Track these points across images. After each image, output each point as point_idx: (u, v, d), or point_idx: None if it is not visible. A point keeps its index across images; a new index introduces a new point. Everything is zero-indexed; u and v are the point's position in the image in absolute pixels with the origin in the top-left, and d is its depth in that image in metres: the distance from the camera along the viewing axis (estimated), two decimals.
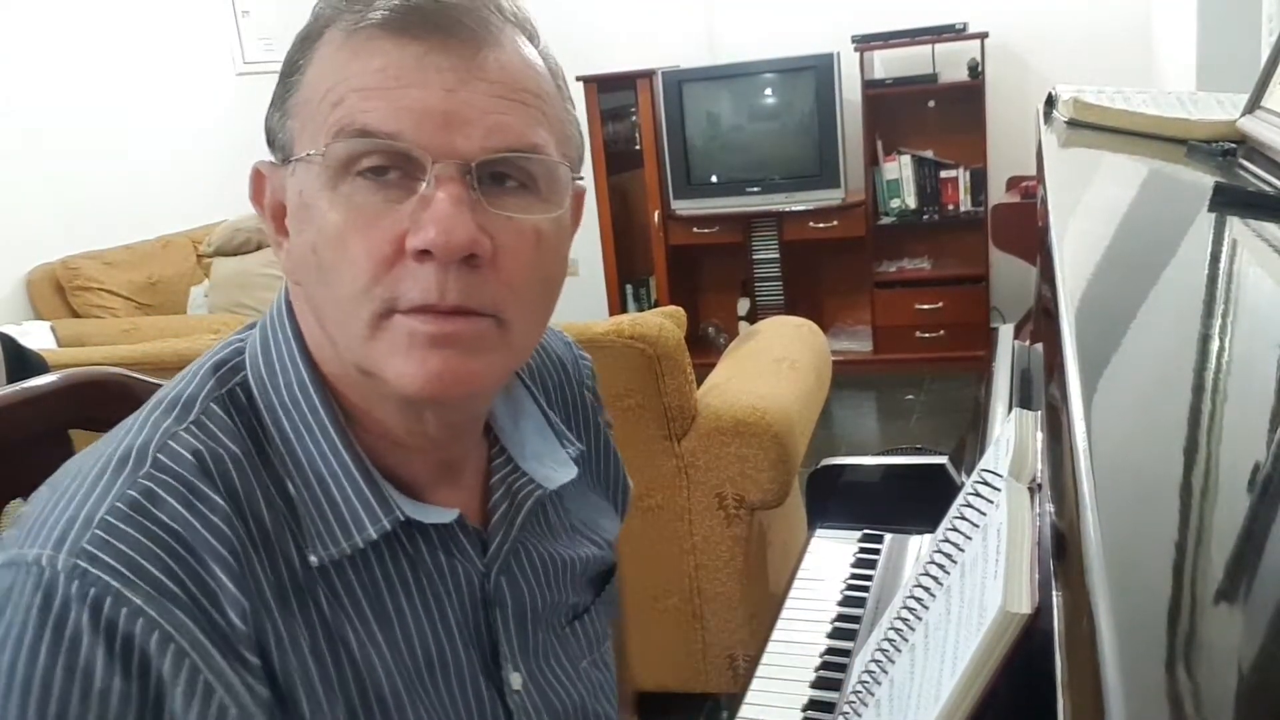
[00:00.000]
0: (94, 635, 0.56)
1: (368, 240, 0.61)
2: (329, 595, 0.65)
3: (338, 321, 0.64)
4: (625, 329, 1.81)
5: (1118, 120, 1.21)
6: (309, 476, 0.65)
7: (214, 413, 0.65)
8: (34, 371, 1.64)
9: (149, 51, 4.25)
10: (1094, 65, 4.01)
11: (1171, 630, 0.37)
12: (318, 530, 0.64)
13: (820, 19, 4.39)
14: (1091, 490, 0.45)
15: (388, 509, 0.66)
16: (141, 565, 0.58)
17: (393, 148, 0.61)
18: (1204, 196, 0.83)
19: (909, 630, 0.75)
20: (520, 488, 0.74)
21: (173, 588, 0.58)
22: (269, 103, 0.68)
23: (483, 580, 0.72)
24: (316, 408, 0.66)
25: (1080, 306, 0.69)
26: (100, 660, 0.56)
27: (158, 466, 0.62)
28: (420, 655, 0.68)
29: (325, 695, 0.64)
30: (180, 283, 4.09)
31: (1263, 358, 0.58)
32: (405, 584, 0.68)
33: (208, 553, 0.60)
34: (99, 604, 0.57)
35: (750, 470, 1.88)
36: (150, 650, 0.57)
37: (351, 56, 0.62)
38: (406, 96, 0.60)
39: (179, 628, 0.58)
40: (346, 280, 0.62)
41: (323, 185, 0.62)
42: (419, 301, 0.61)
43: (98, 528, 0.58)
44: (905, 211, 4.37)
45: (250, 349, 0.69)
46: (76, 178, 3.93)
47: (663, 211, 4.53)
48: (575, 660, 0.80)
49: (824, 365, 2.32)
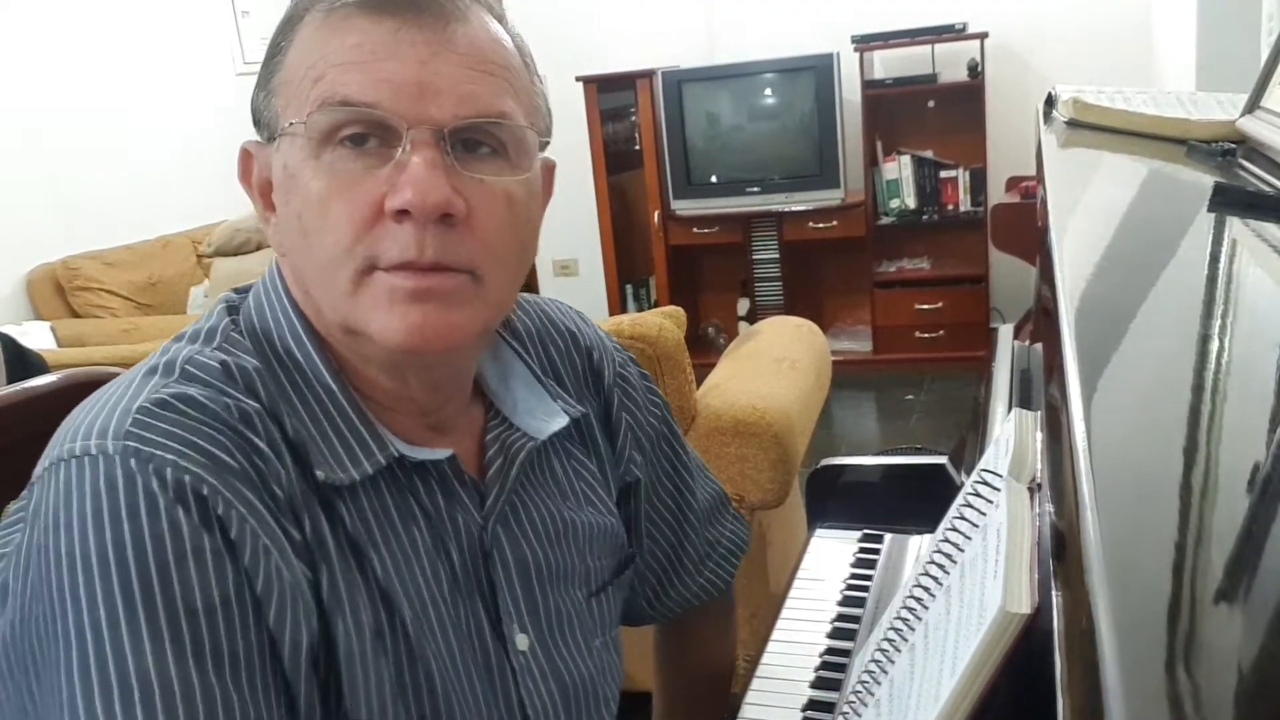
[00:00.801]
0: (169, 498, 0.58)
1: (349, 204, 0.65)
2: (349, 514, 0.67)
3: (321, 283, 0.67)
4: (625, 329, 1.81)
5: (1117, 120, 1.21)
6: (313, 408, 0.68)
7: (235, 339, 0.70)
8: (34, 371, 1.65)
9: (149, 51, 4.25)
10: (1094, 65, 4.01)
11: (1171, 630, 0.37)
12: (322, 455, 0.67)
13: (820, 19, 4.38)
14: (1091, 490, 0.45)
15: (382, 445, 0.69)
16: (190, 439, 0.61)
17: (371, 116, 0.64)
18: (1204, 196, 0.83)
19: (909, 630, 0.75)
20: (513, 441, 0.77)
21: (224, 457, 0.61)
22: (254, 85, 0.70)
23: (481, 532, 0.74)
24: (311, 355, 0.70)
25: (1080, 306, 0.69)
26: (183, 519, 0.58)
27: (186, 375, 0.65)
28: (436, 591, 0.71)
29: (354, 603, 0.66)
30: (180, 283, 4.09)
31: (1263, 358, 0.58)
32: (414, 518, 0.71)
33: (249, 430, 0.63)
34: (162, 471, 0.59)
35: (750, 470, 1.88)
36: (218, 511, 0.60)
37: (330, 34, 0.66)
38: (383, 69, 0.64)
39: (236, 494, 0.61)
40: (329, 243, 0.65)
41: (306, 155, 0.65)
42: (398, 259, 0.65)
43: (138, 414, 0.61)
44: (905, 211, 4.37)
45: (245, 308, 0.73)
46: (76, 178, 3.93)
47: (663, 211, 4.53)
48: (589, 636, 0.81)
49: (824, 365, 2.32)
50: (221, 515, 0.60)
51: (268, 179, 0.70)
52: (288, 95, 0.67)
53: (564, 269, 5.14)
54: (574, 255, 5.03)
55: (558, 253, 5.08)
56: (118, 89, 4.12)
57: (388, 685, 0.67)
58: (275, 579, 0.61)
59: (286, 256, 0.71)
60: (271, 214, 0.71)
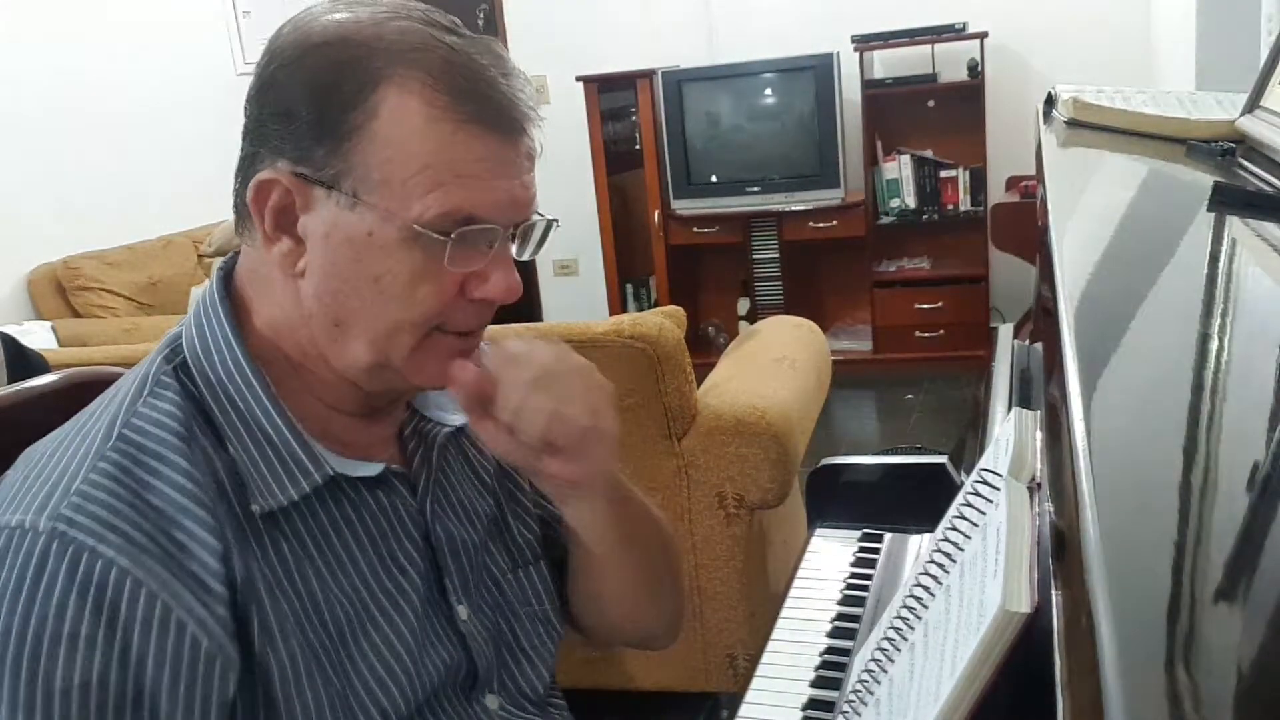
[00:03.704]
0: (68, 584, 0.65)
1: (438, 285, 0.74)
2: (284, 537, 0.74)
3: (384, 334, 0.75)
4: (625, 329, 1.81)
5: (1117, 120, 1.21)
6: (245, 439, 0.74)
7: (166, 384, 0.75)
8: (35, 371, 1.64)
9: (149, 51, 4.25)
10: (1094, 65, 4.01)
11: (1171, 630, 0.37)
12: (257, 485, 0.73)
13: (820, 19, 4.38)
14: (1091, 490, 0.45)
15: (318, 465, 0.76)
16: (115, 524, 0.67)
17: (485, 228, 0.73)
18: (1203, 196, 0.83)
19: (909, 629, 0.75)
20: (429, 431, 0.86)
21: (144, 540, 0.67)
22: (281, 110, 0.72)
23: (420, 516, 0.83)
24: (250, 380, 0.75)
25: (1080, 306, 0.69)
26: (72, 606, 0.65)
27: (123, 439, 0.71)
28: (375, 587, 0.78)
29: (288, 630, 0.72)
30: (180, 283, 4.09)
31: (1263, 358, 0.58)
32: (351, 524, 0.78)
33: (176, 509, 0.69)
34: (76, 559, 0.65)
35: (750, 470, 1.88)
36: (123, 596, 0.65)
37: (447, 138, 0.71)
38: (499, 188, 0.73)
39: (150, 573, 0.66)
40: (414, 311, 0.74)
41: (406, 237, 0.72)
42: (463, 328, 0.77)
43: (75, 495, 0.67)
44: (905, 211, 4.36)
45: (186, 334, 0.78)
46: (77, 178, 3.93)
47: (663, 211, 4.53)
48: (516, 605, 0.90)
49: (824, 365, 2.32)
50: (125, 599, 0.65)
51: (288, 207, 0.73)
52: (384, 173, 0.71)
53: (564, 269, 5.14)
54: (574, 255, 5.03)
55: (558, 253, 5.07)
56: (118, 89, 4.12)
57: (325, 701, 0.73)
58: (188, 648, 0.67)
59: (329, 295, 0.74)
60: (280, 237, 0.74)
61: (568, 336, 1.82)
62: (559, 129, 4.89)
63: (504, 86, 0.73)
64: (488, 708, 0.86)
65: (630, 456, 1.94)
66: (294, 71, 0.72)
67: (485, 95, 0.72)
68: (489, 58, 0.74)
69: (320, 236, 0.73)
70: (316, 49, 0.72)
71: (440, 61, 0.71)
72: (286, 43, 0.73)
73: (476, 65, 0.73)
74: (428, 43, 0.72)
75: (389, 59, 0.71)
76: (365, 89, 0.71)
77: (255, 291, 0.78)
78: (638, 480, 1.02)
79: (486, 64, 0.73)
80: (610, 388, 0.81)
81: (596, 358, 0.92)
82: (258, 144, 0.74)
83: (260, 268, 0.78)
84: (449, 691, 0.83)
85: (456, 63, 0.72)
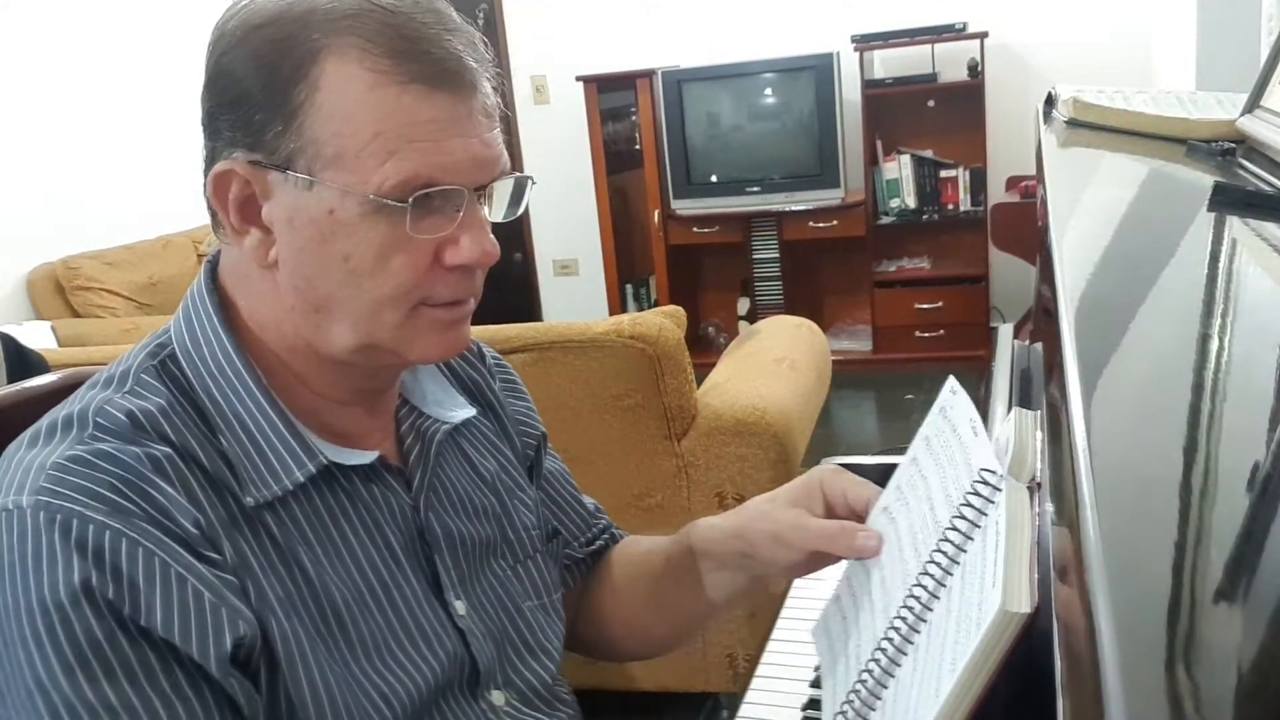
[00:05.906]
0: (66, 548, 0.64)
1: (411, 255, 0.72)
2: (279, 522, 0.73)
3: (364, 316, 0.73)
4: (625, 329, 1.81)
5: (1117, 120, 1.21)
6: (238, 431, 0.74)
7: (146, 381, 0.74)
8: (34, 371, 1.65)
9: (149, 51, 4.25)
10: (1094, 65, 4.01)
11: (1171, 630, 0.37)
12: (250, 476, 0.73)
13: (820, 19, 4.39)
14: (1091, 490, 0.45)
15: (311, 455, 0.75)
16: (97, 491, 0.66)
17: (446, 191, 0.71)
18: (1203, 196, 0.83)
19: (909, 629, 0.75)
20: (427, 428, 0.86)
21: (128, 505, 0.66)
22: (230, 98, 0.71)
23: (413, 513, 0.82)
24: (241, 373, 0.75)
25: (1080, 306, 0.69)
26: (77, 565, 0.63)
27: (97, 428, 0.70)
28: (371, 576, 0.77)
29: (286, 609, 0.71)
30: (180, 283, 4.09)
31: (1263, 358, 0.58)
32: (346, 514, 0.78)
33: (154, 479, 0.68)
34: (67, 525, 0.64)
35: (750, 470, 1.88)
36: (121, 554, 0.64)
37: (392, 103, 0.69)
38: (455, 148, 0.71)
39: (143, 533, 0.66)
40: (388, 287, 0.72)
41: (367, 210, 0.70)
42: (448, 298, 0.75)
43: (51, 470, 0.66)
44: (905, 211, 4.37)
45: (175, 328, 0.78)
46: (76, 178, 3.93)
47: (663, 211, 4.53)
48: (518, 600, 0.89)
49: (824, 365, 2.32)
50: (124, 558, 0.64)
51: (251, 196, 0.72)
52: (336, 147, 0.69)
53: (564, 268, 5.14)
54: (574, 255, 5.03)
55: (558, 252, 5.08)
56: (118, 89, 4.12)
57: (334, 680, 0.73)
58: (192, 599, 0.66)
59: (305, 281, 0.73)
60: (250, 229, 0.73)
61: (568, 336, 1.82)
62: (559, 129, 4.89)
63: (448, 42, 0.71)
64: (494, 704, 0.85)
65: (630, 456, 1.94)
66: (236, 57, 0.71)
67: (427, 54, 0.70)
68: (429, 16, 0.71)
69: (285, 222, 0.72)
70: (256, 30, 0.70)
71: (377, 24, 0.69)
72: (228, 30, 0.72)
73: (416, 24, 0.70)
74: (363, 8, 0.70)
75: (325, 29, 0.69)
76: (305, 63, 0.69)
77: (238, 288, 0.78)
78: (638, 480, 1.02)
79: (428, 22, 0.71)
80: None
81: (597, 358, 0.92)
82: (213, 138, 0.73)
83: (238, 265, 0.77)
84: (453, 689, 0.82)
85: (394, 24, 0.70)
